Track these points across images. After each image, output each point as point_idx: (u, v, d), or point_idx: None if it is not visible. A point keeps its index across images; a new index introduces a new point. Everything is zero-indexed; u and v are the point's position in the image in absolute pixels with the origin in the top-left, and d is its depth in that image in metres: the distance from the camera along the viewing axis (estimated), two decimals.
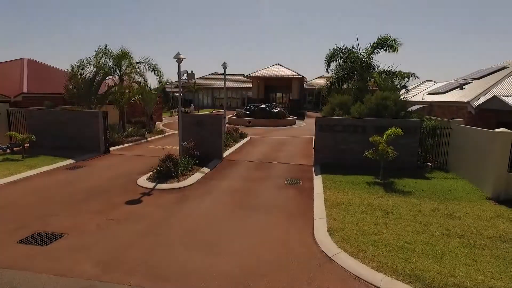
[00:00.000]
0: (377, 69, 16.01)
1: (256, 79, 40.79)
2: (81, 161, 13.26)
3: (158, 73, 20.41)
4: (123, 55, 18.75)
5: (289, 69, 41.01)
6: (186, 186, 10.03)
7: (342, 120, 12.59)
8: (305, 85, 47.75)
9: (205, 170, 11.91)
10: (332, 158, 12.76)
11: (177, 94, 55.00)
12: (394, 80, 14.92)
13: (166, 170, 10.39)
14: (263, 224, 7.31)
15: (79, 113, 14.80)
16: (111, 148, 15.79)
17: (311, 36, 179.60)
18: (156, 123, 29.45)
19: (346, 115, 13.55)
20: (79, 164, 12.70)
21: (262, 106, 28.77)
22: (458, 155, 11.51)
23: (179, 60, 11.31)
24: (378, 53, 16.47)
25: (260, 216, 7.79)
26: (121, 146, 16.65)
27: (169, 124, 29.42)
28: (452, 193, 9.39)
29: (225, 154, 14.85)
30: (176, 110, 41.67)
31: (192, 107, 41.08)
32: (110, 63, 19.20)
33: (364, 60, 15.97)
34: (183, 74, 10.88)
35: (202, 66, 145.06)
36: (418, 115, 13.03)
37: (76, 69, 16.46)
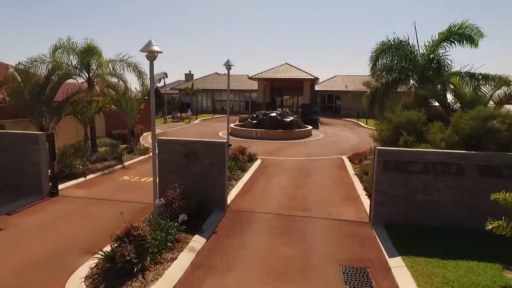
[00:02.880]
0: (447, 70, 11.11)
1: (262, 81, 35.91)
2: (3, 215, 8.39)
3: (140, 74, 15.55)
4: (89, 51, 13.84)
5: (299, 69, 36.14)
6: None
7: (422, 155, 7.70)
8: (316, 87, 42.81)
9: (197, 242, 7.00)
10: (404, 215, 7.91)
11: (174, 96, 50.19)
12: (478, 88, 10.03)
13: (123, 263, 5.50)
14: None
15: (10, 136, 9.92)
16: (66, 184, 11.01)
17: (317, 34, 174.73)
18: (144, 134, 24.63)
19: (420, 144, 8.64)
20: None
21: (272, 114, 23.88)
22: None
23: (150, 54, 6.44)
24: (445, 48, 11.61)
25: None
26: (82, 179, 11.77)
27: (161, 135, 24.50)
28: None
29: (230, 195, 9.99)
30: (171, 116, 36.83)
31: (189, 112, 36.22)
32: (75, 62, 14.34)
33: (432, 58, 11.05)
34: (160, 80, 6.89)
35: (202, 65, 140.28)
36: None
37: (14, 71, 11.58)
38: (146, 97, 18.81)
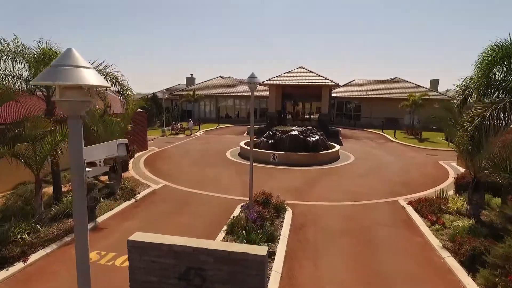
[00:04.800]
0: None
1: (274, 87, 31.45)
2: None
3: (122, 88, 11.14)
4: (46, 58, 9.45)
5: (316, 73, 31.66)
6: None
7: None
8: (332, 93, 38.27)
9: None
10: None
11: (175, 106, 45.68)
12: None
13: None
14: None
15: None
16: None
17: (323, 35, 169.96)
18: (137, 155, 20.27)
19: None
20: None
21: (293, 132, 19.39)
22: None
23: (64, 92, 2.03)
24: None
25: None
26: (21, 264, 7.36)
27: (156, 156, 20.05)
28: None
29: None
30: (170, 128, 32.43)
31: (191, 123, 31.78)
32: (26, 73, 9.95)
33: None
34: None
35: (204, 68, 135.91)
36: None
37: None
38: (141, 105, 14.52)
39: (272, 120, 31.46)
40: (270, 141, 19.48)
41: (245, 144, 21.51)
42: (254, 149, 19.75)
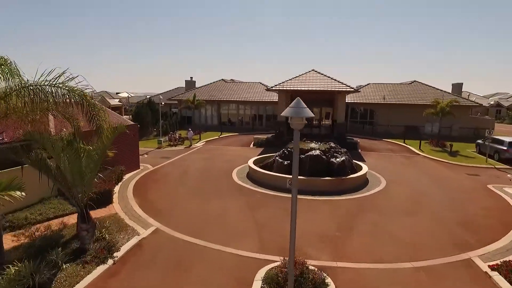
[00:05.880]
0: None
1: (283, 93, 28.10)
2: None
3: (91, 108, 7.85)
4: None
5: (330, 77, 28.31)
6: None
7: None
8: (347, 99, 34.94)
9: None
10: None
11: (173, 110, 42.32)
12: None
13: None
14: None
15: None
16: None
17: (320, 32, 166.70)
18: (126, 177, 17.02)
19: None
20: None
21: (315, 152, 16.04)
22: None
23: None
24: None
25: None
26: None
27: (148, 179, 16.55)
28: None
29: None
30: (167, 138, 29.12)
31: (190, 133, 28.44)
32: None
33: None
34: None
35: (205, 70, 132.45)
36: None
37: None
38: (122, 131, 11.26)
39: (281, 129, 28.23)
40: (286, 162, 16.16)
41: (252, 161, 18.23)
42: (266, 172, 16.48)
